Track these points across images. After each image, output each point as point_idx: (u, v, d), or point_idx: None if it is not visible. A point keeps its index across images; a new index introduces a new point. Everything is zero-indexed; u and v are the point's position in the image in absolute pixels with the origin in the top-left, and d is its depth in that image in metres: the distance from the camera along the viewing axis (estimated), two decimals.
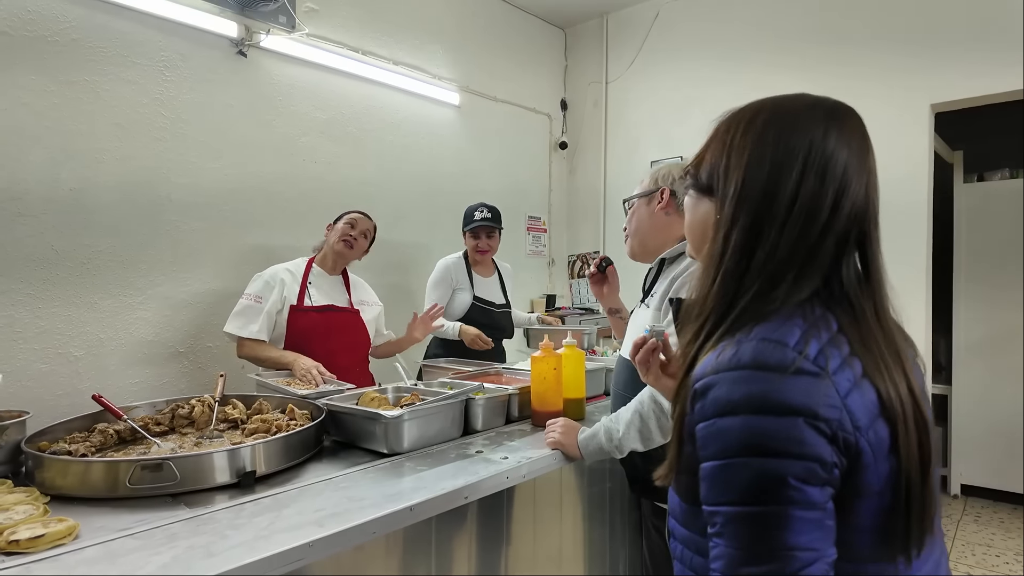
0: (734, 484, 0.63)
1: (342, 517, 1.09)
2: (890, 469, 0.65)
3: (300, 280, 2.24)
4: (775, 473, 0.61)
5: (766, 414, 0.62)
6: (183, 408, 1.64)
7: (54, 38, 2.12)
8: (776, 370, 0.63)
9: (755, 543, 0.61)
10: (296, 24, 2.71)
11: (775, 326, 0.67)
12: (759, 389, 0.63)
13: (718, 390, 0.65)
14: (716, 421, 0.65)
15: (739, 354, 0.65)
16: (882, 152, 2.73)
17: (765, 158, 0.70)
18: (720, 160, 0.75)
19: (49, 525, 1.03)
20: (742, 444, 0.62)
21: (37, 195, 2.09)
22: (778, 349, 0.64)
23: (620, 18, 4.06)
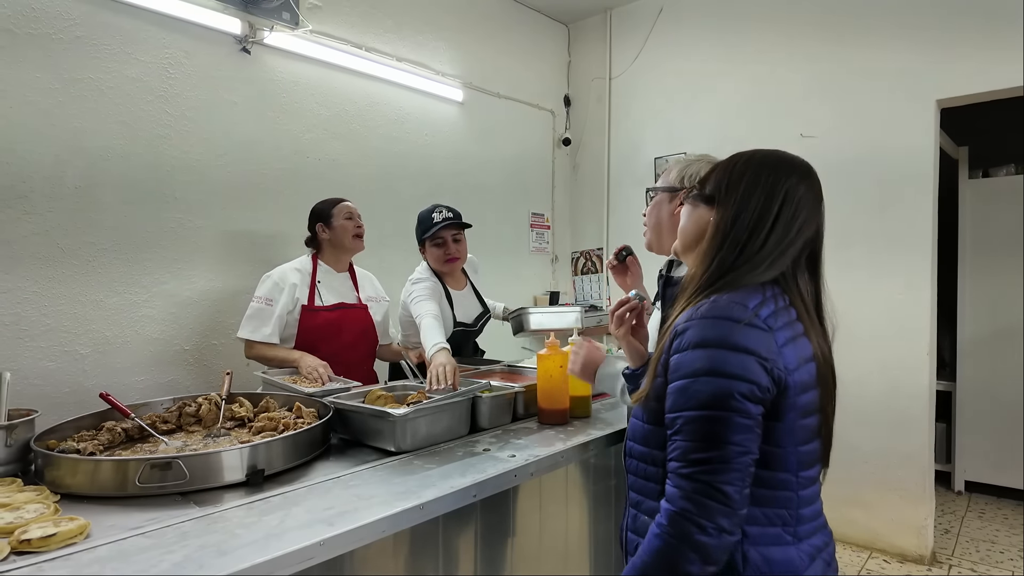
0: (696, 395, 0.88)
1: (352, 515, 1.10)
2: (810, 400, 0.94)
3: (309, 279, 2.23)
4: (727, 389, 0.86)
5: (726, 349, 0.88)
6: (190, 406, 1.65)
7: (58, 36, 2.12)
8: (737, 321, 0.89)
9: (704, 437, 0.86)
10: (299, 21, 2.70)
11: (741, 294, 0.93)
12: (723, 332, 0.89)
13: (694, 331, 0.91)
14: (689, 352, 0.90)
15: (712, 307, 0.91)
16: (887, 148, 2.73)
17: (759, 186, 0.99)
18: (724, 181, 1.02)
19: (60, 524, 1.03)
20: (706, 368, 0.87)
21: (42, 193, 2.09)
22: (740, 308, 0.91)
23: (624, 13, 4.04)
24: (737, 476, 0.85)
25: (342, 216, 2.27)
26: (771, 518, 0.92)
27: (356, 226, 2.29)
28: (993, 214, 3.71)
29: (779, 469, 0.92)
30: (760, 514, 0.91)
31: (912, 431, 2.97)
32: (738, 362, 0.86)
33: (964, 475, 3.80)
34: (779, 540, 0.92)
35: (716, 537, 0.84)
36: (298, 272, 2.23)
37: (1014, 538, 3.19)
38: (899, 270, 2.99)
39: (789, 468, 0.92)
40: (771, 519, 0.92)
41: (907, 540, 2.97)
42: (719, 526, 0.84)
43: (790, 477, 0.92)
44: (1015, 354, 3.61)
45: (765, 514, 0.92)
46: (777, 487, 0.92)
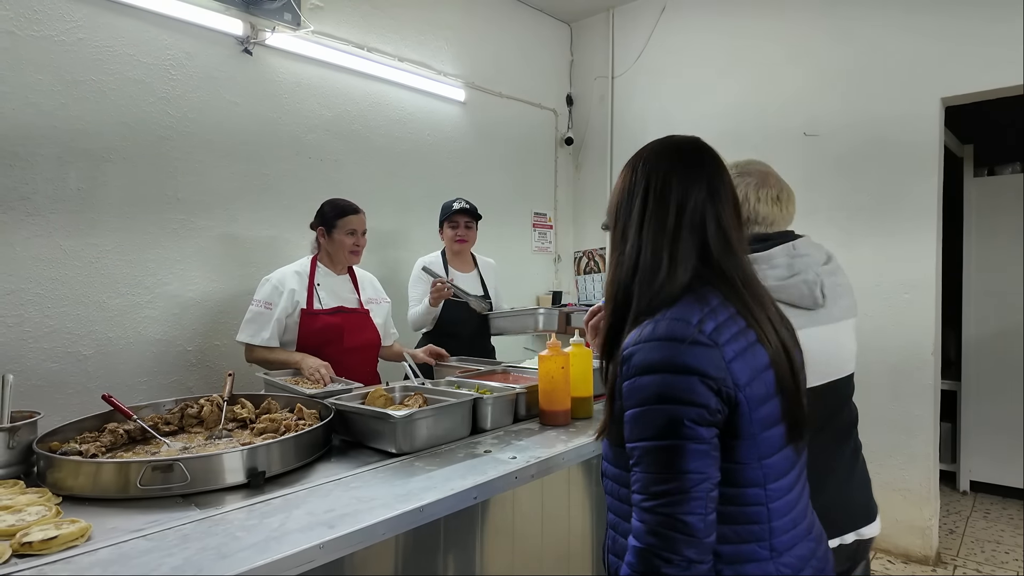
0: (649, 425, 0.86)
1: (353, 518, 1.09)
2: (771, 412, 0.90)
3: (308, 282, 2.24)
4: (677, 416, 0.84)
5: (672, 373, 0.85)
6: (192, 407, 1.65)
7: (60, 38, 2.12)
8: (680, 341, 0.86)
9: (661, 468, 0.84)
10: (301, 21, 2.70)
11: (680, 309, 0.90)
12: (668, 354, 0.86)
13: (639, 355, 0.88)
14: (637, 379, 0.87)
15: (655, 329, 0.88)
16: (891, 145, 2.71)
17: (626, 192, 0.99)
18: (609, 208, 1.05)
19: (62, 527, 1.03)
20: (654, 395, 0.85)
21: (45, 195, 2.10)
22: (682, 325, 0.87)
23: (626, 12, 4.03)
24: (699, 504, 0.82)
25: (344, 231, 2.26)
26: (743, 535, 0.89)
27: (354, 244, 2.28)
28: (998, 212, 3.68)
29: (746, 485, 0.89)
30: (731, 532, 0.88)
31: (917, 431, 2.96)
32: (685, 386, 0.84)
33: (969, 475, 3.78)
34: (754, 556, 0.89)
35: (685, 569, 0.82)
36: (297, 275, 2.24)
37: (1019, 538, 3.17)
38: (903, 268, 2.97)
39: (756, 483, 0.89)
40: (743, 536, 0.89)
41: (912, 540, 2.95)
42: (686, 558, 0.82)
43: (759, 491, 0.89)
44: (1020, 353, 3.59)
45: (736, 532, 0.89)
46: (746, 503, 0.89)
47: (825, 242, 1.54)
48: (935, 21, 2.88)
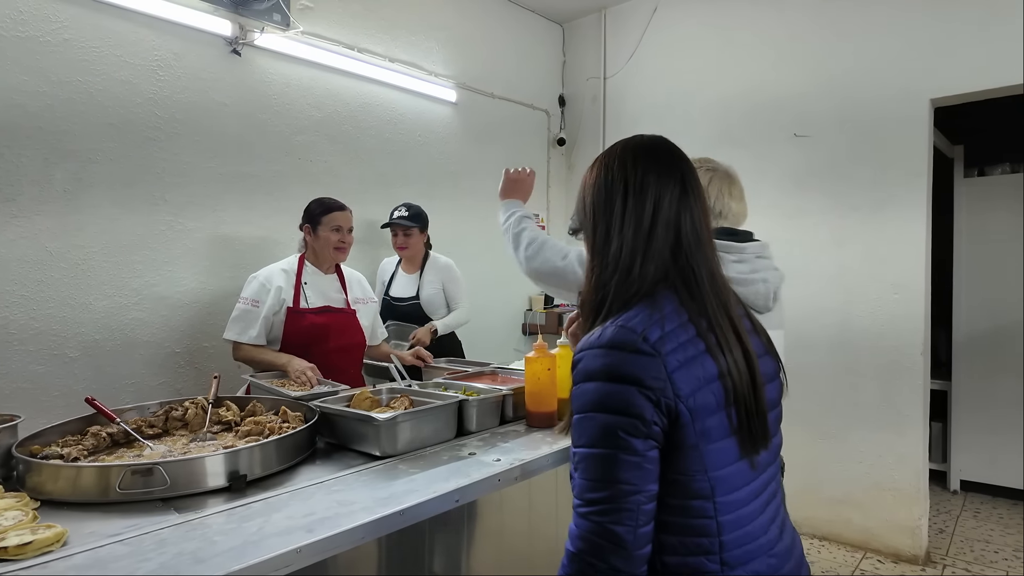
0: (586, 432, 0.86)
1: (332, 522, 1.09)
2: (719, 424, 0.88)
3: (295, 280, 2.23)
4: (611, 425, 0.83)
5: (610, 381, 0.84)
6: (176, 410, 1.64)
7: (46, 38, 2.11)
8: (622, 348, 0.85)
9: (595, 477, 0.84)
10: (290, 22, 2.69)
11: (631, 315, 0.88)
12: (608, 362, 0.85)
13: (584, 362, 0.88)
14: (581, 385, 0.87)
15: (602, 336, 0.87)
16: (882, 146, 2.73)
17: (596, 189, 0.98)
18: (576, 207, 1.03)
19: (38, 531, 1.02)
20: (592, 403, 0.85)
21: (30, 196, 2.09)
22: (627, 332, 0.86)
23: (618, 12, 4.03)
24: (628, 516, 0.81)
25: (329, 227, 2.26)
26: (689, 547, 0.87)
27: (339, 240, 2.27)
28: (988, 213, 3.70)
29: (692, 497, 0.86)
30: (678, 543, 0.86)
31: (907, 431, 2.96)
32: (621, 395, 0.83)
33: (960, 474, 3.79)
34: (702, 568, 0.86)
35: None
36: (284, 273, 2.23)
37: (1008, 537, 3.19)
38: (894, 269, 2.98)
39: (703, 495, 0.86)
40: (690, 548, 0.87)
41: (901, 540, 2.96)
42: (612, 567, 0.81)
43: (706, 504, 0.86)
44: (1011, 353, 3.60)
45: (683, 543, 0.86)
46: (693, 515, 0.86)
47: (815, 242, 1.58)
48: (925, 22, 2.89)
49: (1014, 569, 2.87)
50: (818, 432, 3.16)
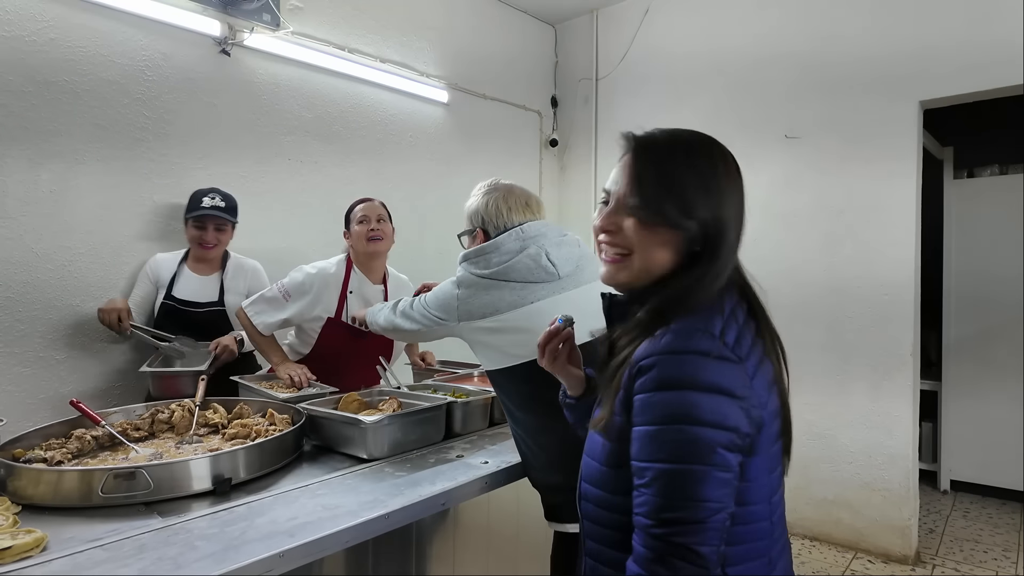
0: (667, 446, 0.77)
1: (315, 526, 1.09)
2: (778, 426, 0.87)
3: (341, 288, 2.10)
4: (705, 440, 0.76)
5: (700, 391, 0.77)
6: (163, 413, 1.63)
7: (31, 38, 2.10)
8: (706, 355, 0.78)
9: (676, 494, 0.76)
10: (280, 22, 2.68)
11: (703, 317, 0.82)
12: (693, 370, 0.77)
13: (659, 369, 0.79)
14: (656, 393, 0.78)
15: (675, 339, 0.80)
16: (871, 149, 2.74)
17: (673, 178, 0.87)
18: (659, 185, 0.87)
19: (17, 537, 1.01)
20: (678, 415, 0.77)
21: (16, 197, 2.07)
22: (707, 337, 0.80)
23: (610, 14, 4.03)
24: (714, 535, 0.76)
25: (356, 220, 2.13)
26: (751, 553, 0.85)
27: (369, 230, 2.10)
28: (978, 214, 3.72)
29: (753, 503, 0.84)
30: (742, 551, 0.83)
31: (897, 431, 2.98)
32: (715, 407, 0.76)
33: (950, 474, 3.81)
34: (761, 572, 0.85)
35: None
36: (333, 278, 2.10)
37: (998, 537, 3.20)
38: (883, 270, 2.99)
39: (762, 499, 0.85)
40: (751, 554, 0.85)
41: (891, 540, 2.97)
42: None
43: (764, 507, 0.86)
44: (1000, 353, 3.62)
45: (747, 551, 0.84)
46: (753, 520, 0.84)
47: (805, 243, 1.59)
48: (914, 24, 2.90)
49: (1004, 568, 2.88)
50: (808, 432, 3.17)
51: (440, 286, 1.54)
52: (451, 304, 1.45)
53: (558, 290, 1.44)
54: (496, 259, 1.45)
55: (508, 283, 1.43)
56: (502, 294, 1.41)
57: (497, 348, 1.41)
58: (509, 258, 1.45)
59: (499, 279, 1.43)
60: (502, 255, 1.46)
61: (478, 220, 1.56)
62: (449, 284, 1.50)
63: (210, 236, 2.25)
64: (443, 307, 1.48)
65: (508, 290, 1.42)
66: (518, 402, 1.40)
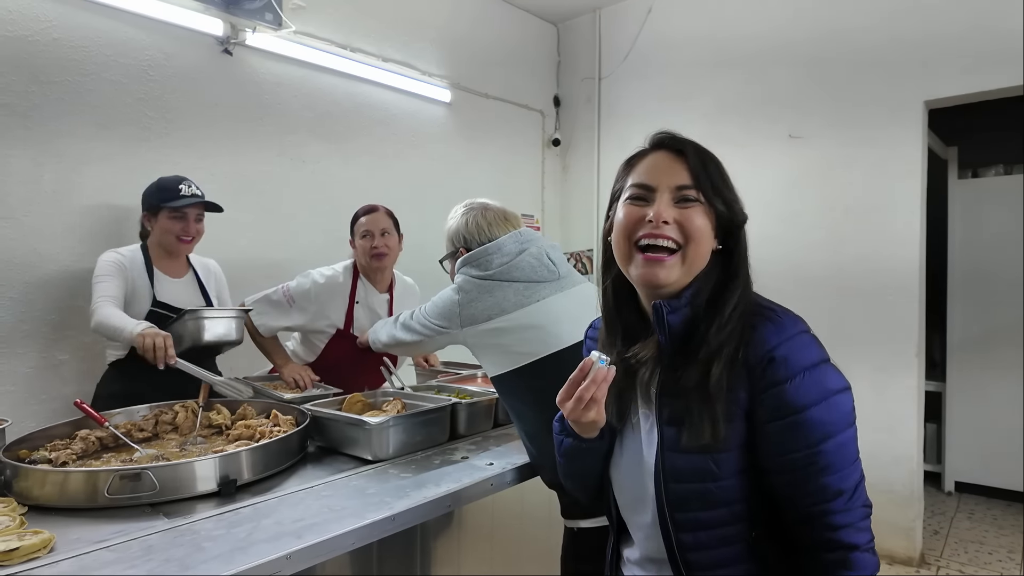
0: (838, 419, 0.83)
1: (321, 528, 1.08)
2: None
3: (348, 298, 2.08)
4: (851, 401, 0.85)
5: (827, 363, 0.85)
6: (167, 414, 1.63)
7: (34, 38, 2.09)
8: (809, 333, 0.87)
9: (849, 459, 0.83)
10: (282, 21, 2.68)
11: (780, 307, 0.89)
12: (815, 347, 0.85)
13: (798, 353, 0.82)
14: (804, 375, 0.81)
15: (788, 320, 0.85)
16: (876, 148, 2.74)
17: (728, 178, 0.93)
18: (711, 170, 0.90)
19: (24, 538, 1.01)
20: (835, 386, 0.84)
21: (19, 196, 2.07)
22: (797, 317, 0.87)
23: (613, 13, 4.03)
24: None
25: (359, 234, 2.08)
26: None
27: (371, 246, 2.04)
28: (982, 214, 3.71)
29: None
30: None
31: (901, 432, 2.97)
32: (838, 374, 0.85)
33: (954, 476, 3.80)
34: None
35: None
36: (340, 286, 2.08)
37: (1003, 539, 3.19)
38: (888, 270, 2.98)
39: None
40: None
41: (896, 542, 2.97)
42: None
43: None
44: (1005, 354, 3.61)
45: None
46: None
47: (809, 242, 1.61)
48: (919, 24, 2.89)
49: (1009, 570, 2.87)
50: None
51: (439, 295, 1.54)
52: (452, 311, 1.46)
53: (559, 288, 1.46)
54: (498, 260, 1.46)
55: (512, 283, 1.43)
56: (506, 294, 1.42)
57: (504, 350, 1.41)
58: (511, 258, 1.46)
59: (502, 279, 1.44)
60: (504, 255, 1.47)
61: (460, 240, 1.58)
62: (448, 292, 1.50)
63: (192, 228, 2.02)
64: (444, 315, 1.48)
65: (512, 290, 1.42)
66: (530, 400, 1.39)
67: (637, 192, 0.90)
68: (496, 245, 1.49)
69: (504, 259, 1.46)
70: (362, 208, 2.17)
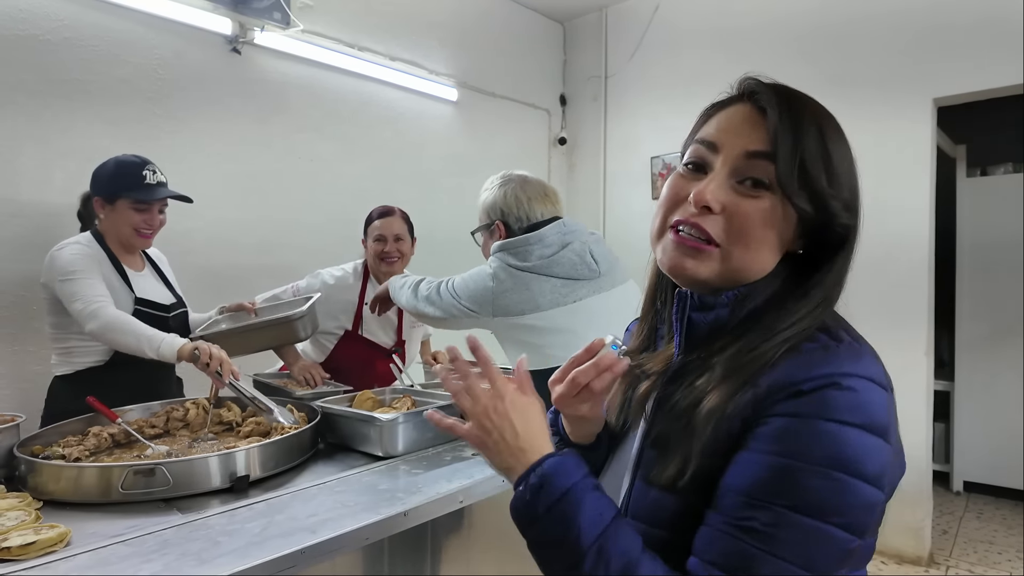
0: (810, 492, 0.55)
1: (335, 523, 1.08)
2: None
3: (358, 300, 2.09)
4: (866, 499, 0.56)
5: (872, 433, 0.56)
6: (178, 411, 1.64)
7: (46, 36, 2.10)
8: (881, 386, 0.59)
9: (799, 557, 0.54)
10: (290, 20, 2.68)
11: (847, 332, 0.65)
12: (872, 403, 0.58)
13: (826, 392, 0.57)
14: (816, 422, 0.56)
15: (846, 359, 0.60)
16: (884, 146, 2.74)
17: (846, 159, 0.71)
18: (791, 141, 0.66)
19: (40, 532, 1.02)
20: (842, 456, 0.55)
21: (29, 195, 2.08)
22: (877, 362, 0.61)
23: (619, 11, 4.02)
24: None
25: (372, 236, 2.09)
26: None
27: (383, 250, 2.06)
28: (991, 212, 3.69)
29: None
30: None
31: (910, 431, 2.95)
32: (882, 458, 0.58)
33: (963, 475, 3.78)
34: None
35: None
36: (348, 288, 2.10)
37: (1012, 539, 3.18)
38: (896, 269, 2.97)
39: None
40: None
41: (904, 541, 2.96)
42: None
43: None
44: (1014, 353, 3.59)
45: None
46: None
47: None
48: (928, 21, 2.88)
49: (1018, 570, 2.86)
50: None
51: (471, 274, 1.46)
52: (485, 297, 1.40)
53: (598, 289, 1.40)
54: (539, 251, 1.40)
55: (550, 278, 1.37)
56: (543, 289, 1.36)
57: (537, 349, 1.37)
58: (553, 252, 1.39)
59: (541, 273, 1.38)
60: (545, 247, 1.40)
61: (496, 213, 1.52)
62: (483, 275, 1.42)
63: (155, 220, 1.80)
64: (475, 299, 1.41)
65: (550, 286, 1.37)
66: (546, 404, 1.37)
67: (695, 154, 0.70)
68: (538, 236, 1.42)
69: (545, 251, 1.40)
70: (377, 210, 2.16)
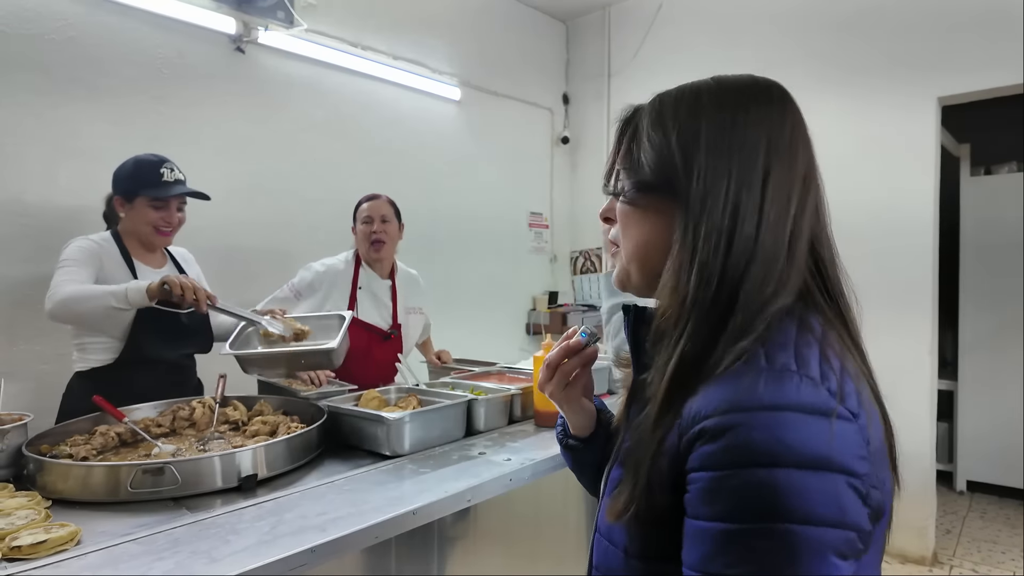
0: (750, 556, 0.49)
1: (345, 521, 1.08)
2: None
3: (351, 286, 2.11)
4: (811, 545, 0.48)
5: (808, 469, 0.49)
6: (184, 410, 1.64)
7: (51, 36, 2.11)
8: (812, 412, 0.51)
9: None
10: (294, 20, 2.69)
11: (784, 343, 0.55)
12: (791, 436, 0.49)
13: (735, 435, 0.51)
14: (731, 473, 0.50)
15: (764, 385, 0.52)
16: (888, 145, 2.74)
17: (724, 144, 0.62)
18: (673, 150, 0.63)
19: (51, 530, 1.02)
20: (778, 507, 0.49)
21: (35, 194, 2.08)
22: (806, 383, 0.52)
23: (622, 10, 4.02)
24: None
25: (360, 219, 2.12)
26: None
27: (371, 232, 2.07)
28: (995, 211, 3.69)
29: None
30: None
31: (913, 431, 2.96)
32: (830, 494, 0.50)
33: (966, 475, 3.78)
34: None
35: None
36: (341, 275, 2.11)
37: (1016, 538, 3.18)
38: (900, 268, 2.97)
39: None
40: None
41: (908, 541, 2.96)
42: None
43: None
44: (1017, 352, 3.59)
45: None
46: None
47: None
48: (932, 21, 2.87)
49: (1021, 570, 2.86)
50: None
51: None
52: None
53: None
54: None
55: None
56: None
57: None
58: None
59: None
60: None
61: None
62: None
63: (173, 218, 1.81)
64: None
65: None
66: None
67: None
68: None
69: None
70: (365, 196, 2.22)
